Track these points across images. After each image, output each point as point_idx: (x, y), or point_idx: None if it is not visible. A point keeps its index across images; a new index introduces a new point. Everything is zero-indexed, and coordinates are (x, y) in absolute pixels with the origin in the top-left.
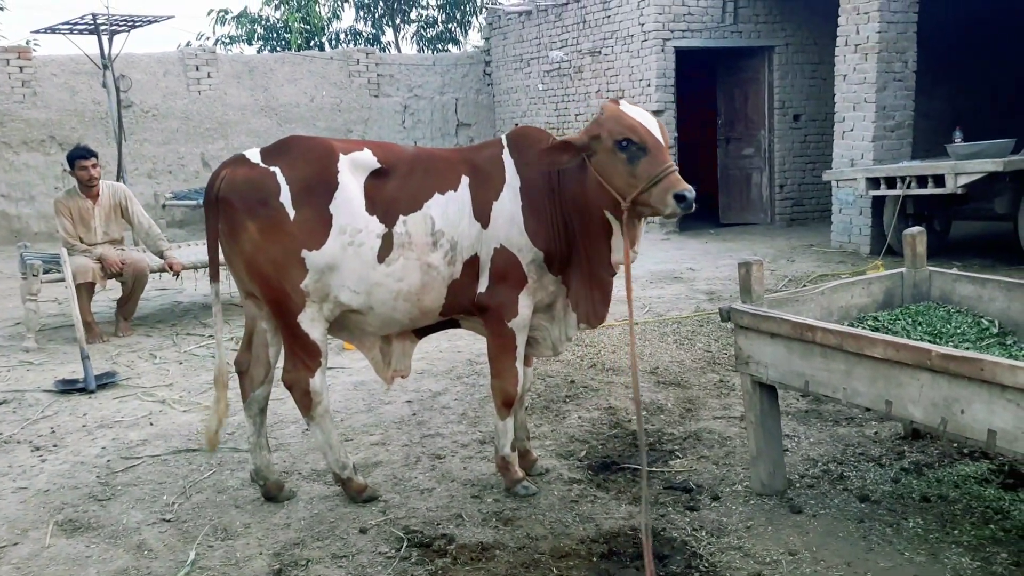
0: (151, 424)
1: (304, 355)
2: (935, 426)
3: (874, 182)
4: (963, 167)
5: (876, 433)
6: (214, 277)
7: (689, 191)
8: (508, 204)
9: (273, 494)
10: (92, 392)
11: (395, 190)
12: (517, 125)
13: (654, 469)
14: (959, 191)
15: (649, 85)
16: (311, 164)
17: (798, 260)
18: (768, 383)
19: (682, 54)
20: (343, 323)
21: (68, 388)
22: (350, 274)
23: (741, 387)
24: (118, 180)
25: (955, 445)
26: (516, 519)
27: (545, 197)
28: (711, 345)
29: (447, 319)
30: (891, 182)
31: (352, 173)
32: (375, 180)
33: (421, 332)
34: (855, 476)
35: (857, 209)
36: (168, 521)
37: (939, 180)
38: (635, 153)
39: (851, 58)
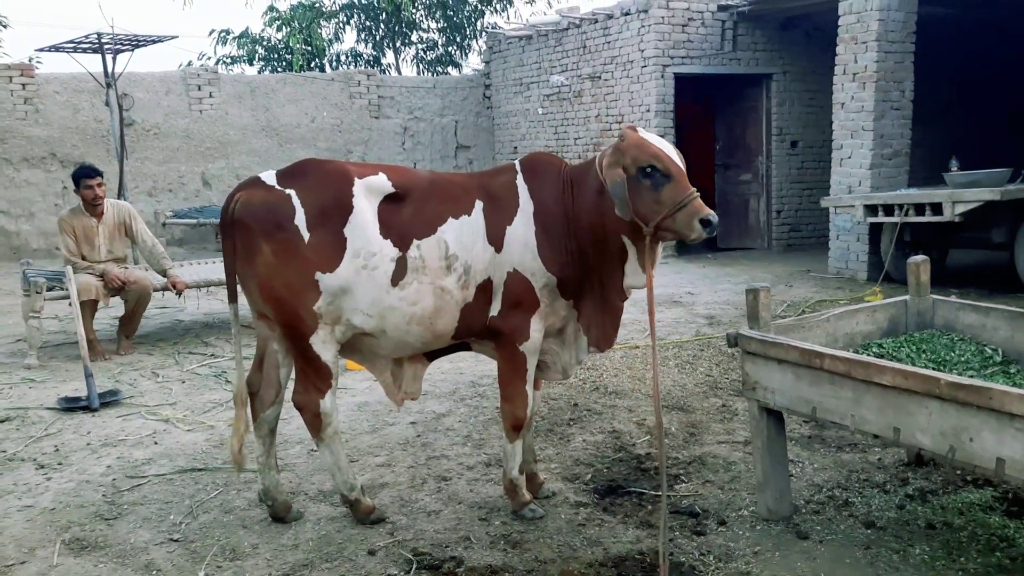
0: (155, 443)
1: (315, 377)
2: (943, 454)
3: (872, 209)
4: (960, 195)
5: (880, 459)
6: (232, 298)
7: (713, 216)
8: (522, 229)
9: (281, 515)
10: (95, 410)
11: (409, 214)
12: (516, 149)
13: (658, 494)
14: (956, 219)
15: (648, 110)
16: (326, 188)
17: (796, 286)
18: (775, 409)
19: (681, 80)
20: (355, 345)
21: (71, 406)
22: (363, 297)
23: (748, 412)
24: (119, 198)
25: (959, 472)
26: (524, 542)
27: (559, 222)
28: (712, 370)
29: (458, 342)
30: (889, 209)
31: (367, 197)
32: (389, 204)
33: (432, 355)
34: (860, 502)
35: (855, 236)
36: (176, 541)
37: (937, 208)
38: (659, 180)
39: (849, 86)
